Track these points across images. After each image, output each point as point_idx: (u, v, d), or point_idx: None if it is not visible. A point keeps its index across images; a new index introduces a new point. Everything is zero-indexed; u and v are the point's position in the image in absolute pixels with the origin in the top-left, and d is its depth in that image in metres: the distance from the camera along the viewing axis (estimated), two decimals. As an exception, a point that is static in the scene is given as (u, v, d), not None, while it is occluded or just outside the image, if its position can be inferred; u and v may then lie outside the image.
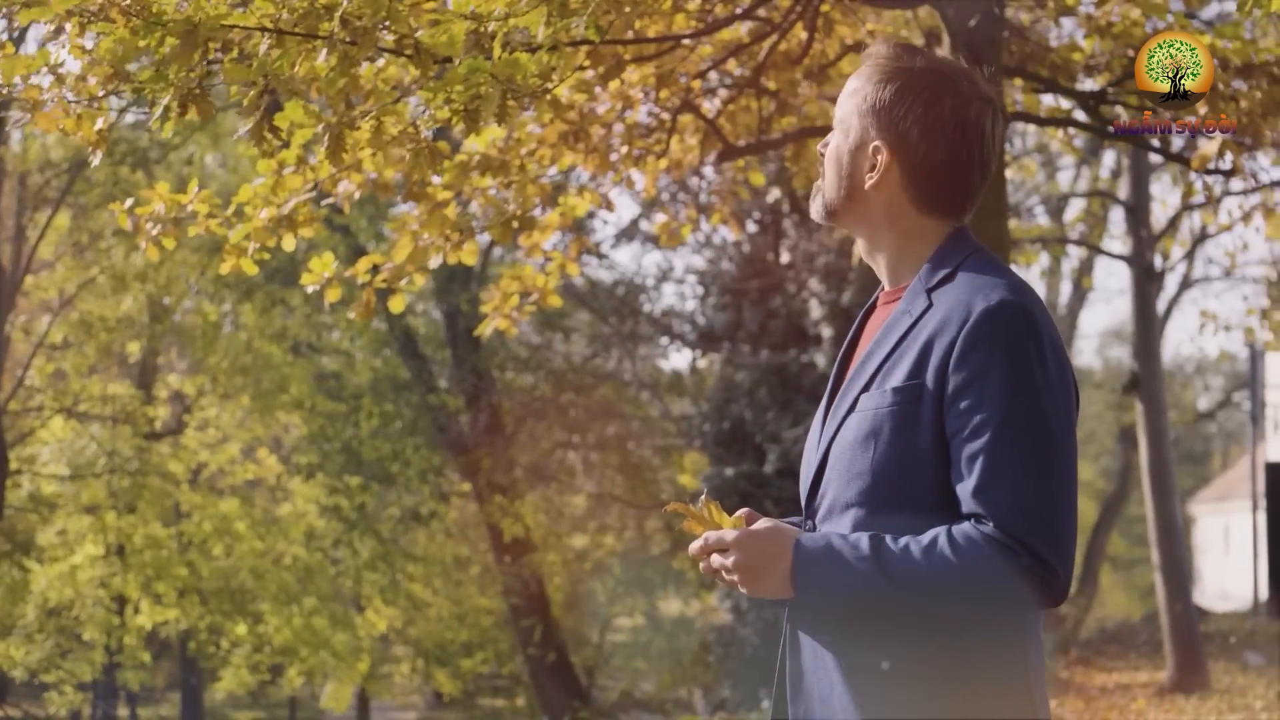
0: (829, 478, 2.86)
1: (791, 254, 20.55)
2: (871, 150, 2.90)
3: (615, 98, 7.10)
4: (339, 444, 25.59)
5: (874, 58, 2.93)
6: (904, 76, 2.89)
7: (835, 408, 2.90)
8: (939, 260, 2.89)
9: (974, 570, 2.65)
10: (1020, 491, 2.67)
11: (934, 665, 2.73)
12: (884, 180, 2.90)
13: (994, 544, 2.65)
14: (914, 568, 2.67)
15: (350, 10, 4.62)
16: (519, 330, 7.52)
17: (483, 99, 4.66)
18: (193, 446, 23.77)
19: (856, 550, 2.71)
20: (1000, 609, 2.73)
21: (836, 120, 2.97)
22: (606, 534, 28.77)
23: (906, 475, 2.75)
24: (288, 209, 6.14)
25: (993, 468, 2.68)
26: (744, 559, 2.79)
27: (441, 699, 32.96)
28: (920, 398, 2.74)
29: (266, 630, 24.02)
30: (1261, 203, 14.13)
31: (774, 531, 2.81)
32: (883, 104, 2.88)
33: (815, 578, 2.75)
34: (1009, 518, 2.66)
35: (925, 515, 2.73)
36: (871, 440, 2.78)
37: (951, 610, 2.71)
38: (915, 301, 2.85)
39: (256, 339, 24.07)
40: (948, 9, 6.82)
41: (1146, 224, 15.11)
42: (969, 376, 2.71)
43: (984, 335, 2.72)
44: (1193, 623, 14.38)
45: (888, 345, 2.84)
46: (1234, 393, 40.90)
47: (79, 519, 22.58)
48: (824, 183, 2.97)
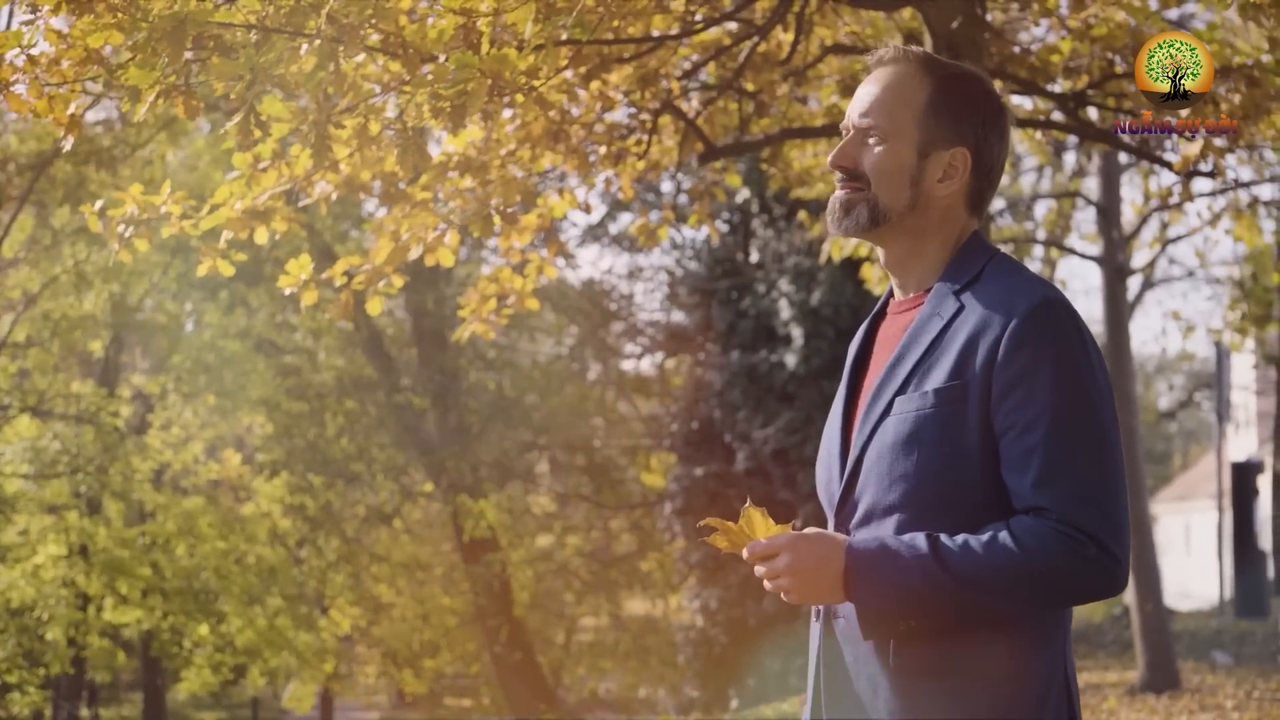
0: (865, 483, 2.84)
1: (761, 254, 20.56)
2: (950, 156, 2.88)
3: (595, 98, 7.06)
4: (304, 442, 25.48)
5: (902, 61, 2.92)
6: (956, 81, 2.91)
7: (867, 413, 2.87)
8: (963, 262, 2.91)
9: (1042, 563, 2.66)
10: (1082, 483, 2.69)
11: (992, 663, 2.73)
12: (958, 185, 2.90)
13: (1060, 536, 2.67)
14: (977, 563, 2.67)
15: (337, 7, 4.57)
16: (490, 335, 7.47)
17: (470, 94, 4.62)
18: (156, 446, 23.62)
19: (914, 549, 2.70)
20: (1068, 601, 2.76)
21: (873, 127, 2.90)
22: (573, 534, 28.75)
23: (953, 476, 2.75)
24: (262, 201, 6.08)
25: (1052, 461, 2.69)
26: (795, 562, 2.75)
27: (405, 699, 32.88)
28: (965, 398, 2.75)
29: (229, 630, 23.91)
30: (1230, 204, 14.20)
31: (823, 535, 2.78)
32: (950, 108, 2.89)
33: (872, 579, 2.72)
34: (1073, 510, 2.68)
35: (973, 515, 2.74)
36: (914, 443, 2.77)
37: (1018, 605, 2.72)
38: (944, 304, 2.85)
39: (220, 338, 23.95)
40: (929, 10, 6.81)
41: (1118, 225, 15.16)
42: (1019, 373, 2.72)
43: (1032, 332, 2.73)
44: (1163, 622, 14.42)
45: (919, 348, 2.83)
46: (1195, 392, 41.09)
47: (41, 518, 22.42)
48: (878, 192, 2.88)
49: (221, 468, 24.39)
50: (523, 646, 24.78)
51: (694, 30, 6.68)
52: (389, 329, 26.96)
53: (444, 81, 4.58)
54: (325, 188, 6.37)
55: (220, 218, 6.05)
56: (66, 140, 5.20)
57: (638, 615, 29.37)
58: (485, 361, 27.30)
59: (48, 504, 22.46)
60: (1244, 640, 18.64)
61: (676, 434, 21.90)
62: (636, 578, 28.10)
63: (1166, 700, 13.33)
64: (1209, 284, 21.72)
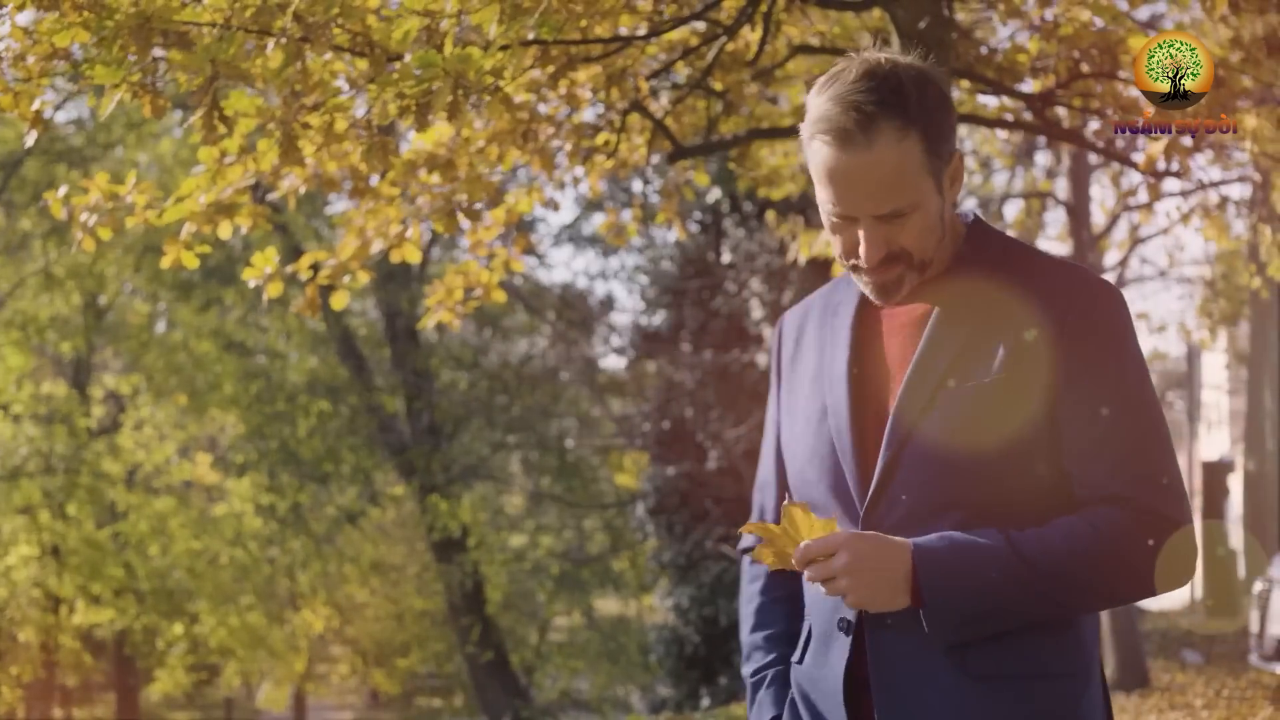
0: (906, 479, 2.62)
1: (732, 254, 20.58)
2: (955, 162, 2.71)
3: (563, 98, 7.07)
4: (276, 443, 25.46)
5: (882, 121, 2.59)
6: (924, 102, 2.64)
7: (903, 405, 2.65)
8: (981, 248, 2.75)
9: (1130, 552, 2.56)
10: (1160, 469, 2.60)
11: (1064, 661, 2.63)
12: (961, 182, 2.74)
13: (1147, 524, 2.56)
14: (1059, 556, 2.53)
15: (302, 7, 4.58)
16: (459, 330, 7.50)
17: (434, 94, 4.63)
18: (128, 446, 23.58)
19: (987, 546, 2.54)
20: (1151, 589, 2.60)
21: (896, 211, 2.63)
22: (545, 534, 28.76)
23: (1014, 467, 2.58)
24: (226, 196, 6.08)
25: (1128, 448, 2.59)
26: (855, 560, 2.52)
27: (379, 698, 32.86)
28: (1026, 387, 2.59)
29: (203, 630, 23.88)
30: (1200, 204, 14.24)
31: (881, 535, 2.58)
32: (938, 133, 2.65)
33: (946, 578, 2.53)
34: (1156, 496, 2.58)
35: (1036, 508, 2.59)
36: (971, 434, 2.58)
37: (1100, 598, 2.61)
38: (972, 292, 2.69)
39: (192, 338, 23.92)
40: (897, 10, 6.82)
41: (1087, 224, 15.21)
42: (1088, 359, 2.60)
43: (1097, 318, 2.63)
44: (1133, 621, 14.48)
45: (952, 338, 2.66)
46: (1168, 391, 41.21)
47: (12, 519, 22.37)
48: (921, 257, 2.67)
49: (193, 468, 24.37)
50: (495, 646, 24.77)
51: (661, 30, 6.69)
52: (361, 329, 26.94)
53: (408, 80, 4.59)
54: (293, 181, 6.38)
55: (184, 210, 6.04)
56: (30, 135, 5.20)
57: (610, 615, 29.40)
58: (458, 361, 27.30)
59: (19, 505, 22.40)
60: (1214, 639, 18.72)
61: (649, 433, 21.90)
62: (609, 577, 28.13)
63: (1136, 699, 13.39)
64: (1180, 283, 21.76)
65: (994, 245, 2.75)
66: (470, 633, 24.31)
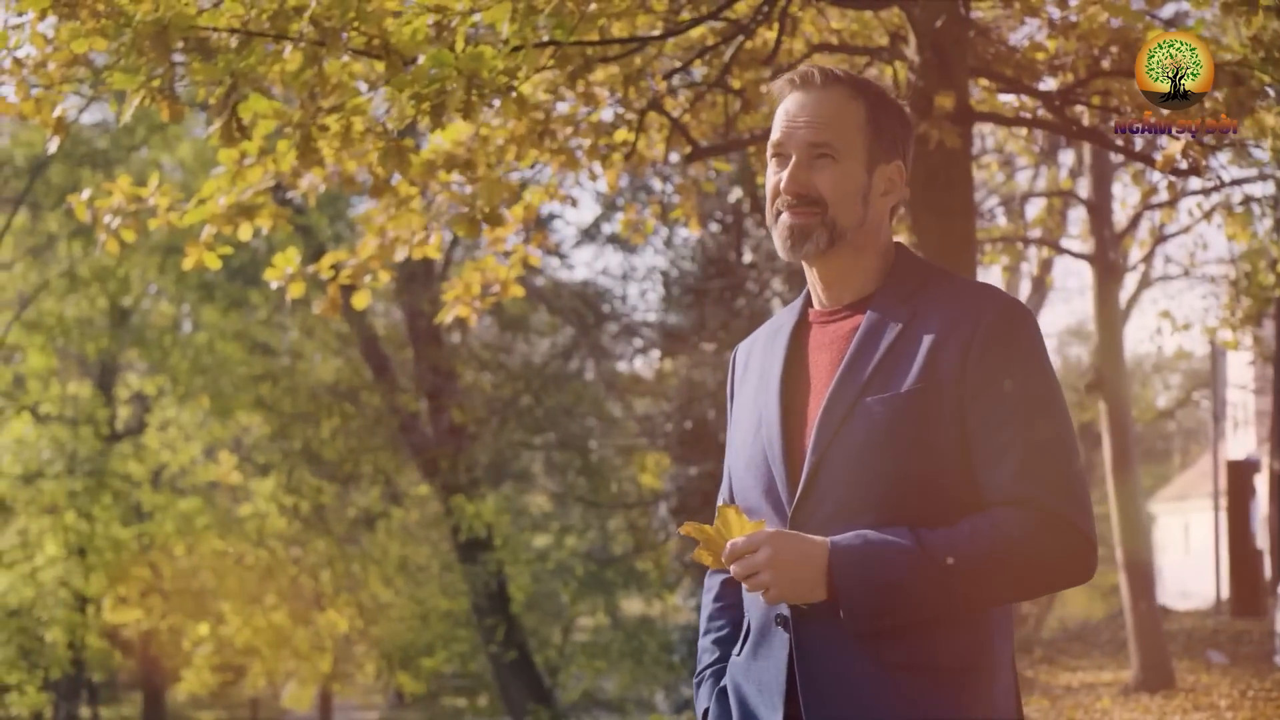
0: (830, 484, 2.83)
1: (754, 253, 20.57)
2: (890, 170, 2.95)
3: (581, 97, 7.09)
4: (300, 443, 25.50)
5: (834, 83, 2.94)
6: (883, 98, 2.98)
7: (825, 415, 2.86)
8: (902, 270, 2.97)
9: (1029, 550, 2.74)
10: (1060, 474, 2.78)
11: (971, 654, 2.80)
12: (896, 197, 2.98)
13: (1045, 524, 2.74)
14: (963, 553, 2.72)
15: (319, 11, 4.59)
16: (480, 331, 7.53)
17: (447, 94, 4.64)
18: (154, 447, 23.65)
19: (897, 543, 2.73)
20: (1050, 586, 2.86)
21: (825, 146, 2.91)
22: (569, 534, 28.75)
23: (927, 473, 2.79)
24: (246, 197, 6.11)
25: (1030, 455, 2.77)
26: (775, 556, 2.73)
27: (404, 698, 32.88)
28: (938, 397, 2.79)
29: (228, 630, 23.94)
30: (1222, 202, 14.19)
31: (801, 533, 2.79)
32: (886, 124, 2.95)
33: (858, 572, 2.73)
34: (1055, 499, 2.76)
35: (946, 511, 2.78)
36: (888, 442, 2.79)
37: (1002, 592, 2.81)
38: (894, 309, 2.90)
39: (218, 340, 23.98)
40: (914, 9, 6.82)
41: (1109, 223, 15.15)
42: (993, 372, 2.80)
43: (1002, 333, 2.82)
44: (1157, 621, 14.42)
45: (876, 351, 2.86)
46: (1194, 391, 41.05)
47: (39, 519, 22.45)
48: (836, 214, 2.91)
49: (219, 469, 24.43)
50: (519, 646, 24.77)
51: (678, 30, 6.70)
52: (384, 330, 26.97)
53: (423, 80, 4.61)
54: (312, 181, 6.41)
55: (206, 212, 6.08)
56: (53, 141, 5.24)
57: (634, 615, 29.37)
58: (481, 361, 27.31)
59: (45, 505, 22.49)
60: (1240, 639, 18.65)
61: (671, 434, 21.91)
62: (633, 577, 28.10)
63: (1161, 700, 13.34)
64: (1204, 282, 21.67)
65: (917, 269, 2.97)
66: (495, 633, 24.30)
